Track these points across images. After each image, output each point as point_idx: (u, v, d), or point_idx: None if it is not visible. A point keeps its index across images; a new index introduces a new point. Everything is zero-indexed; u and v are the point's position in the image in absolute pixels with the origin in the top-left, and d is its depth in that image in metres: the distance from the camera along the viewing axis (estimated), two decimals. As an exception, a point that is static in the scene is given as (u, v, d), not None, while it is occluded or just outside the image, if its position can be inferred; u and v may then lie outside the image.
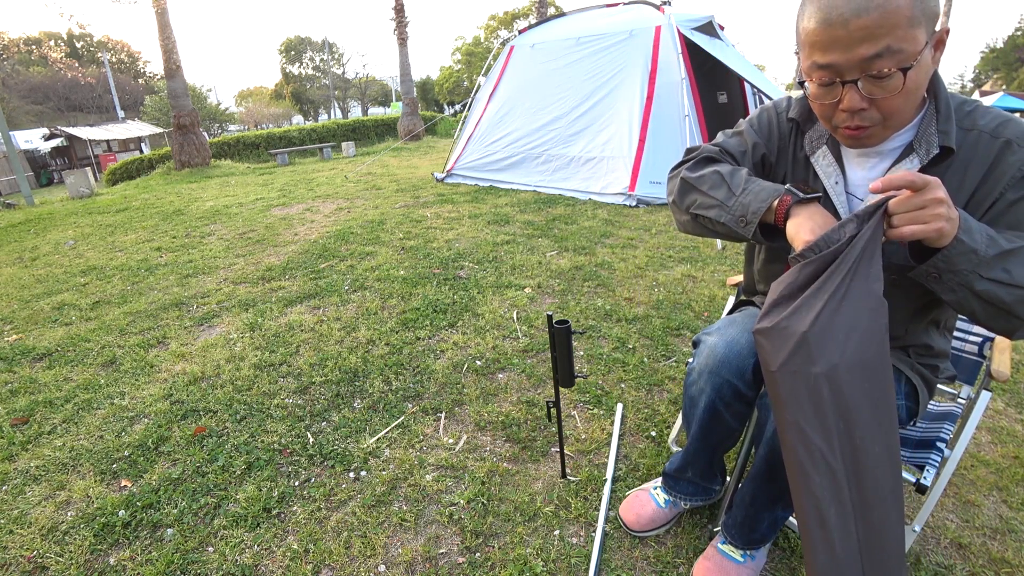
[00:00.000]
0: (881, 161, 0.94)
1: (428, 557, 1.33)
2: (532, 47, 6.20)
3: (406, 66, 15.35)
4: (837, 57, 0.80)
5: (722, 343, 1.10)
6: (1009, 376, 1.09)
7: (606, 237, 3.91)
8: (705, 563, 1.22)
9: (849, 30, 0.77)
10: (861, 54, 0.78)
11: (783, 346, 0.79)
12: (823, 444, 0.77)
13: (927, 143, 0.88)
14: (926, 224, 0.74)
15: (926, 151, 0.88)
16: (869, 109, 0.83)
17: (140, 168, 13.58)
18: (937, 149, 0.87)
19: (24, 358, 2.49)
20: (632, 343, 2.32)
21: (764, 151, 1.09)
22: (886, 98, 0.81)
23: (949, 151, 0.87)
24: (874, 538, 0.78)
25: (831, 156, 1.00)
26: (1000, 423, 1.83)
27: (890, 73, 0.78)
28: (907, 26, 0.76)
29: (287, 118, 44.71)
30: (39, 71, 37.03)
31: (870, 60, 0.78)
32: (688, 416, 1.21)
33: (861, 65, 0.79)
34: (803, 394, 0.77)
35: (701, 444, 1.23)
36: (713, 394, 1.11)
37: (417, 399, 2.00)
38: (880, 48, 0.76)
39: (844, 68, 0.80)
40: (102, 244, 4.65)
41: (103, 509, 1.52)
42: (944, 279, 0.80)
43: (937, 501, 1.07)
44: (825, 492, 0.76)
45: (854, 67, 0.79)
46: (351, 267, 3.45)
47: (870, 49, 0.77)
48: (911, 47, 0.77)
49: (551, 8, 24.65)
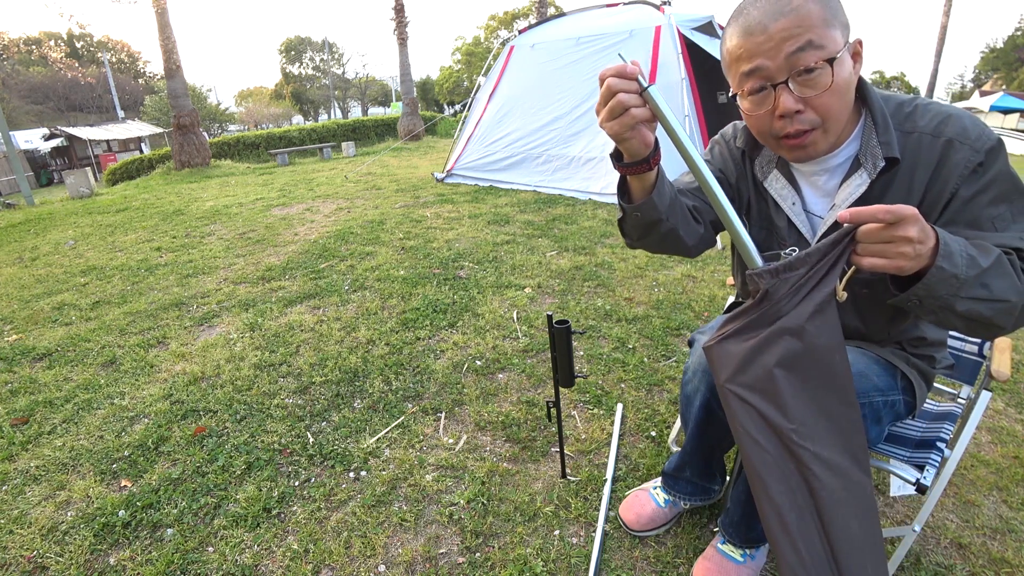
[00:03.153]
0: (831, 177, 0.95)
1: (428, 557, 1.33)
2: (532, 47, 6.20)
3: (406, 66, 15.35)
4: (763, 59, 0.82)
5: None
6: (1009, 376, 1.09)
7: (606, 237, 3.91)
8: (705, 563, 1.22)
9: (769, 33, 0.80)
10: (786, 50, 0.80)
11: (729, 363, 0.81)
12: (774, 452, 0.78)
13: (872, 156, 0.88)
14: (888, 259, 0.72)
15: (873, 164, 0.88)
16: (805, 111, 0.83)
17: (140, 168, 13.58)
18: (883, 162, 0.87)
19: (24, 358, 2.49)
20: (632, 343, 2.32)
21: (726, 178, 1.10)
22: (818, 95, 0.81)
23: (895, 160, 0.87)
24: (841, 538, 0.78)
25: (783, 179, 1.00)
26: (1000, 423, 1.83)
27: (818, 65, 0.79)
28: (823, 26, 0.79)
29: (287, 118, 44.71)
30: (39, 71, 37.03)
31: (795, 54, 0.79)
32: (685, 415, 1.21)
33: (788, 62, 0.80)
34: (750, 405, 0.79)
35: (697, 443, 1.24)
36: (708, 393, 1.11)
37: (417, 399, 2.00)
38: (803, 42, 0.79)
39: (772, 70, 0.82)
40: (102, 244, 4.65)
41: (103, 509, 1.52)
42: (925, 304, 0.78)
43: (937, 501, 1.07)
44: (784, 498, 0.78)
45: (781, 66, 0.81)
46: (351, 267, 3.45)
47: (793, 44, 0.79)
48: (831, 44, 0.79)
49: (551, 8, 24.63)
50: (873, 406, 0.98)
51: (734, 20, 0.86)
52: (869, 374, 0.98)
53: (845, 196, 0.93)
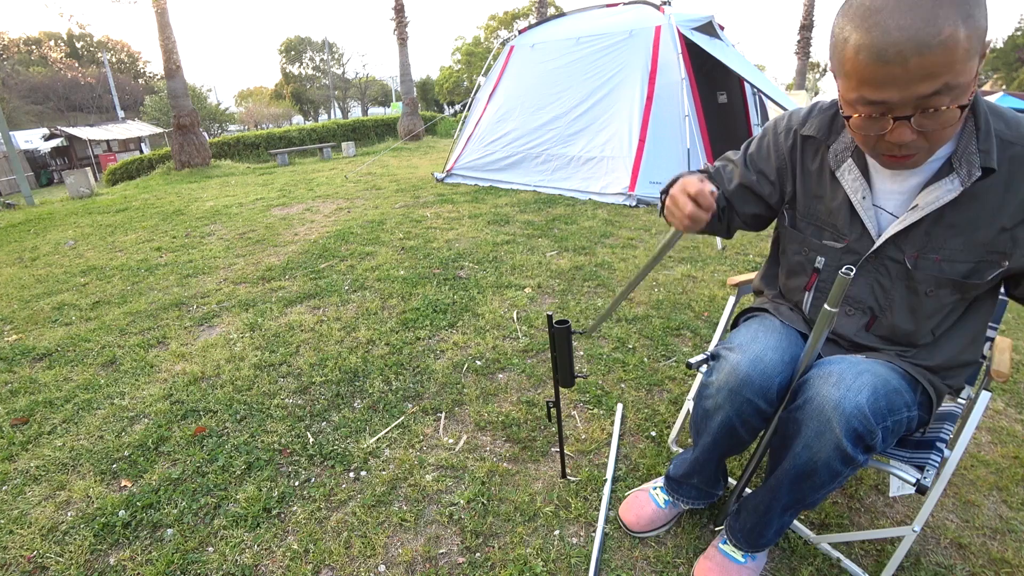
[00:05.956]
0: (913, 174, 0.92)
1: (428, 557, 1.33)
2: (532, 47, 6.20)
3: (406, 66, 15.34)
4: (892, 95, 0.75)
5: (745, 361, 1.05)
6: (1009, 376, 1.09)
7: (606, 237, 3.91)
8: (706, 563, 1.21)
9: (908, 68, 0.72)
10: (919, 92, 0.73)
11: None
12: None
13: (968, 163, 0.85)
14: None
15: (967, 172, 0.85)
16: (917, 139, 0.80)
17: (140, 168, 13.58)
18: (979, 172, 0.84)
19: (24, 358, 2.49)
20: (632, 343, 2.32)
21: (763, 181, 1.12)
22: (937, 130, 0.78)
23: (990, 171, 0.84)
24: None
25: (857, 170, 0.98)
26: (1000, 423, 1.83)
27: (948, 108, 0.74)
28: (965, 60, 0.72)
29: (287, 118, 44.69)
30: (39, 71, 37.02)
31: (927, 98, 0.74)
32: (699, 427, 1.17)
33: (917, 103, 0.75)
34: None
35: (710, 455, 1.21)
36: (732, 412, 1.07)
37: (417, 399, 2.00)
38: (939, 86, 0.73)
39: (897, 105, 0.76)
40: (102, 244, 4.65)
41: (103, 509, 1.52)
42: None
43: (937, 501, 1.06)
44: None
45: (908, 103, 0.75)
46: (351, 267, 3.45)
47: (929, 87, 0.73)
48: (966, 79, 0.73)
49: (551, 8, 24.63)
50: (900, 422, 0.97)
51: (863, 21, 0.74)
52: (902, 390, 0.97)
53: (932, 199, 0.89)
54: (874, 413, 0.91)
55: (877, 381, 0.93)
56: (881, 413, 0.92)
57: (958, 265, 0.93)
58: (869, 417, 0.91)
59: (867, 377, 0.94)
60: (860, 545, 1.32)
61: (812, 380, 0.99)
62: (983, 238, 0.89)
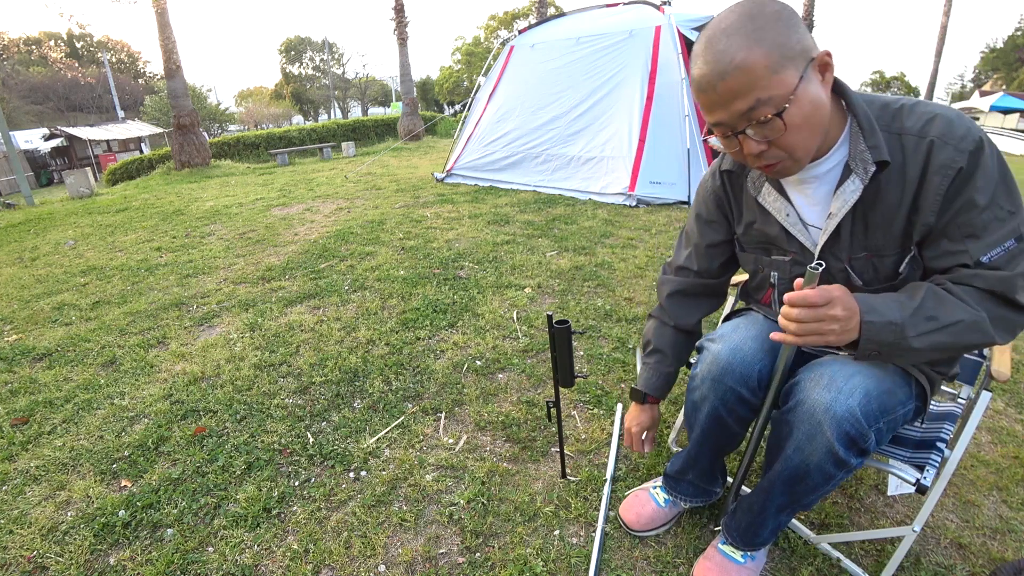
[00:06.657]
0: (821, 184, 0.96)
1: (428, 557, 1.33)
2: (532, 47, 6.20)
3: (406, 66, 15.34)
4: (722, 115, 0.85)
5: (726, 350, 1.10)
6: (1009, 376, 1.09)
7: (606, 237, 3.91)
8: (705, 563, 1.21)
9: (718, 92, 0.82)
10: (738, 109, 0.82)
11: None
12: None
13: (862, 160, 0.89)
14: (820, 335, 0.84)
15: (864, 170, 0.89)
16: (770, 149, 0.86)
17: (140, 168, 13.59)
18: (874, 166, 0.88)
19: (24, 358, 2.49)
20: (632, 343, 2.32)
21: (718, 227, 1.18)
22: (779, 138, 0.84)
23: (885, 163, 0.88)
24: None
25: (775, 192, 1.02)
26: (1000, 423, 1.83)
27: (770, 119, 0.81)
28: (769, 75, 0.79)
29: (287, 118, 44.71)
30: (39, 71, 37.03)
31: (747, 113, 0.82)
32: (690, 420, 1.21)
33: (743, 117, 0.83)
34: None
35: (703, 448, 1.23)
36: (716, 401, 1.11)
37: (417, 399, 2.00)
38: (752, 102, 0.81)
39: (729, 123, 0.85)
40: (102, 244, 4.65)
41: (103, 509, 1.52)
42: (884, 353, 0.87)
43: (937, 501, 1.06)
44: None
45: (737, 120, 0.84)
46: (351, 267, 3.45)
47: (744, 104, 0.81)
48: (781, 91, 0.80)
49: (551, 8, 24.63)
50: (895, 420, 0.97)
51: (691, 63, 0.89)
52: (894, 389, 0.97)
53: (840, 204, 0.93)
54: (866, 416, 0.92)
55: (870, 383, 0.94)
56: (873, 415, 0.93)
57: (887, 259, 0.95)
58: (861, 420, 0.91)
59: (859, 379, 0.94)
60: (860, 545, 1.32)
61: (803, 382, 0.99)
62: (898, 228, 0.92)
